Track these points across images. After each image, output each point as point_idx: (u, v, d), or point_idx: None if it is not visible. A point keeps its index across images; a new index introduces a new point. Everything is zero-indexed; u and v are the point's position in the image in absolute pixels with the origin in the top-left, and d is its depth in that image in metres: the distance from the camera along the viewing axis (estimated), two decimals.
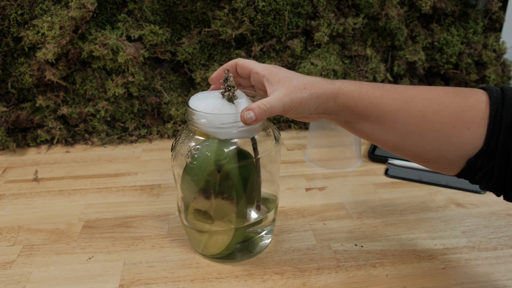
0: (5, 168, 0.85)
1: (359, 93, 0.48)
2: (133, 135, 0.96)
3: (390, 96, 0.48)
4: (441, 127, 0.46)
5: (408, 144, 0.48)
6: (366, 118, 0.49)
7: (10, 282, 0.55)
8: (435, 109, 0.46)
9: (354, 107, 0.49)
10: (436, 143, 0.47)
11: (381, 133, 0.49)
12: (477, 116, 0.45)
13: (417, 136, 0.48)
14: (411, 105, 0.47)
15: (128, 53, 0.88)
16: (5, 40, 0.86)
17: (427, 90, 0.48)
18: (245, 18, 0.92)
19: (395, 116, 0.48)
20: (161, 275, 0.56)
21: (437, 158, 0.48)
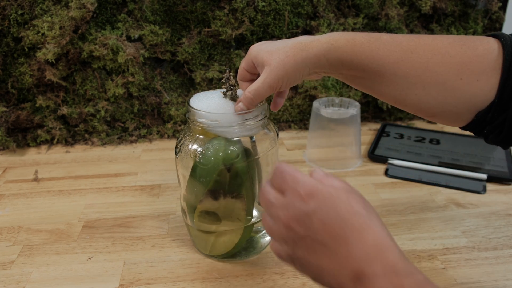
0: (5, 168, 0.85)
1: (353, 47, 0.44)
2: (133, 135, 0.96)
3: (388, 48, 0.44)
4: (446, 79, 0.43)
5: (410, 98, 0.45)
6: (363, 73, 0.46)
7: (10, 282, 0.55)
8: (439, 60, 0.43)
9: (348, 62, 0.45)
10: (440, 97, 0.43)
11: (381, 87, 0.46)
12: (488, 66, 0.42)
13: (419, 90, 0.44)
14: (411, 56, 0.43)
15: (128, 53, 0.88)
16: (5, 40, 0.86)
17: (430, 40, 0.44)
18: (245, 18, 0.92)
19: (394, 69, 0.44)
20: (161, 275, 0.56)
21: (443, 112, 0.45)
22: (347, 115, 0.82)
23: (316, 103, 0.85)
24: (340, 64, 0.46)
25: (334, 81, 0.99)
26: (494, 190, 0.76)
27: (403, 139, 0.94)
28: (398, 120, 1.06)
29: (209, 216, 0.56)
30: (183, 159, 0.55)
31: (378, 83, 0.46)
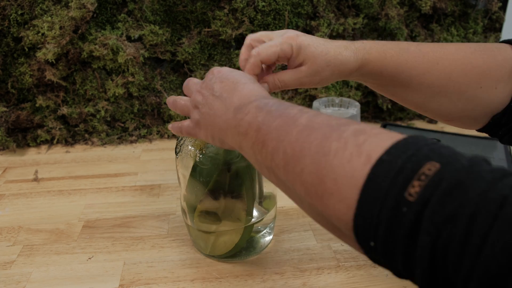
0: (5, 168, 0.85)
1: (384, 60, 0.47)
2: (133, 135, 0.96)
3: (416, 60, 0.46)
4: (467, 89, 0.45)
5: (432, 105, 0.48)
6: (391, 83, 0.48)
7: (10, 282, 0.55)
8: (462, 70, 0.45)
9: (378, 73, 0.48)
10: (461, 103, 0.46)
11: (405, 95, 0.48)
12: (506, 74, 0.44)
13: (442, 98, 0.47)
14: (437, 68, 0.46)
15: (128, 53, 0.88)
16: (5, 40, 0.86)
17: (453, 50, 0.46)
18: (245, 18, 0.92)
19: (420, 80, 0.47)
20: (161, 275, 0.56)
21: (461, 117, 0.48)
22: (347, 115, 0.82)
23: (316, 103, 0.85)
24: (370, 76, 0.49)
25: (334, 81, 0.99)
26: None
27: None
28: (398, 120, 1.06)
29: (209, 216, 0.56)
30: (183, 159, 0.55)
31: (403, 92, 0.48)
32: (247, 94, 0.41)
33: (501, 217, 0.22)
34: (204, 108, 0.44)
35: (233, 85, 0.42)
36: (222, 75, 0.44)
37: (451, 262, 0.23)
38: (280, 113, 0.36)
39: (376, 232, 0.26)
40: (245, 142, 0.38)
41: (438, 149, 0.27)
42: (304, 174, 0.31)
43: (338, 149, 0.29)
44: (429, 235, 0.24)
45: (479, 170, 0.24)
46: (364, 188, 0.27)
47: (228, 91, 0.42)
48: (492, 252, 0.21)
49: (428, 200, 0.24)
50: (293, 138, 0.33)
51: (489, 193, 0.23)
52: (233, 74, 0.44)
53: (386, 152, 0.27)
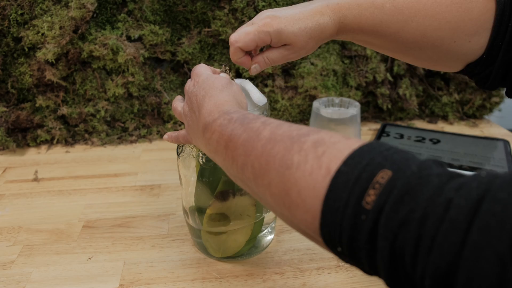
0: (5, 168, 0.85)
1: (359, 24, 0.49)
2: (133, 135, 0.96)
3: (390, 20, 0.48)
4: (441, 43, 0.47)
5: (408, 55, 0.51)
6: (367, 39, 0.51)
7: (10, 282, 0.55)
8: (436, 26, 0.46)
9: (355, 34, 0.51)
10: (435, 56, 0.49)
11: (382, 47, 0.52)
12: (480, 28, 0.45)
13: (416, 51, 0.49)
14: (411, 25, 0.47)
15: (128, 53, 0.88)
16: (5, 40, 0.86)
17: (429, 4, 0.47)
18: (245, 18, 0.92)
19: (395, 37, 0.49)
20: (161, 275, 0.56)
21: (436, 64, 0.51)
22: (347, 115, 0.82)
23: (316, 103, 0.85)
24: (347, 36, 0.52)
25: (334, 81, 0.99)
26: None
27: (403, 139, 0.94)
28: (398, 120, 1.06)
29: (218, 219, 0.56)
30: (185, 159, 0.55)
31: (380, 43, 0.51)
32: (211, 110, 0.42)
33: (447, 220, 0.24)
34: (187, 120, 0.47)
35: (202, 99, 0.44)
36: (196, 86, 0.47)
37: (408, 263, 0.25)
38: (244, 128, 0.37)
39: (341, 239, 0.29)
40: (217, 158, 0.41)
41: (391, 155, 0.28)
42: (271, 187, 0.33)
43: (300, 162, 0.31)
44: (386, 240, 0.26)
45: (428, 174, 0.26)
46: (326, 200, 0.29)
47: (198, 106, 0.44)
48: (440, 252, 0.23)
49: (382, 207, 0.26)
50: (258, 153, 0.35)
51: (436, 197, 0.25)
52: (204, 85, 0.46)
53: (343, 163, 0.29)
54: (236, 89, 0.47)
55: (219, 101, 0.43)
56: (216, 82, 0.46)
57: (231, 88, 0.46)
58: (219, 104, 0.43)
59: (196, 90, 0.46)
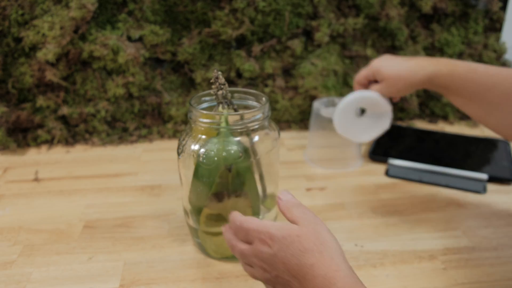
0: (5, 168, 0.85)
1: (452, 77, 0.59)
2: (133, 135, 0.96)
3: (481, 81, 0.57)
4: None
5: (491, 119, 0.58)
6: (456, 94, 0.60)
7: (10, 282, 0.55)
8: None
9: (445, 87, 0.60)
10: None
11: (467, 107, 0.60)
12: None
13: (499, 113, 0.56)
14: (499, 88, 0.55)
15: (129, 53, 0.88)
16: (5, 40, 0.86)
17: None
18: (245, 18, 0.92)
19: (482, 97, 0.57)
20: (162, 275, 0.56)
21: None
22: None
23: (316, 103, 0.85)
24: (437, 87, 0.62)
25: (334, 82, 0.99)
26: (495, 190, 0.76)
27: (404, 139, 0.94)
28: (398, 120, 1.06)
29: (215, 219, 0.56)
30: (186, 159, 0.55)
31: (466, 103, 0.60)
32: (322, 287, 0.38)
33: None
34: (278, 286, 0.42)
35: (300, 270, 0.39)
36: (279, 252, 0.40)
37: None
38: None
39: None
40: None
41: None
42: None
43: None
44: None
45: None
46: None
47: (298, 278, 0.39)
48: None
49: None
50: None
51: None
52: (292, 250, 0.39)
53: None
54: (328, 237, 0.41)
55: (326, 273, 0.38)
56: (304, 242, 0.39)
57: (325, 244, 0.40)
58: (328, 278, 0.37)
59: (280, 256, 0.40)
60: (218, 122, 0.53)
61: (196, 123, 0.54)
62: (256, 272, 0.43)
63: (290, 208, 0.44)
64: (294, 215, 0.43)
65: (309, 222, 0.42)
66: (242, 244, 0.44)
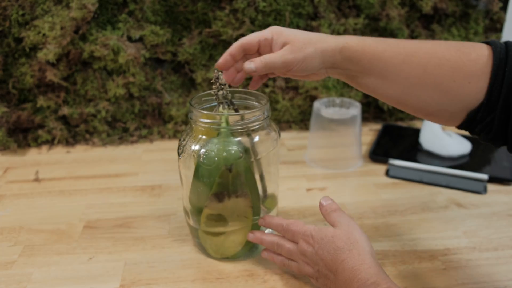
0: (6, 168, 0.85)
1: (363, 47, 0.50)
2: (134, 135, 0.96)
3: (393, 51, 0.49)
4: (441, 81, 0.48)
5: (410, 98, 0.50)
6: (369, 72, 0.51)
7: (11, 283, 0.55)
8: (436, 63, 0.48)
9: (358, 60, 0.50)
10: (437, 97, 0.48)
11: (384, 87, 0.51)
12: (478, 70, 0.46)
13: (418, 90, 0.49)
14: (412, 59, 0.48)
15: (129, 53, 0.89)
16: (6, 40, 0.86)
17: (429, 45, 0.49)
18: (245, 18, 0.92)
19: (397, 70, 0.49)
20: (162, 275, 0.56)
21: (439, 111, 0.50)
22: (348, 115, 0.82)
23: (317, 103, 0.85)
24: (350, 62, 0.51)
25: (335, 82, 0.99)
26: (495, 191, 0.76)
27: (404, 140, 0.94)
28: (398, 121, 1.06)
29: (216, 219, 0.56)
30: (186, 160, 0.55)
31: (381, 83, 0.51)
32: (349, 278, 0.45)
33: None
34: (319, 282, 0.50)
35: (334, 264, 0.47)
36: (319, 250, 0.49)
37: None
38: None
39: None
40: None
41: None
42: None
43: None
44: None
45: None
46: None
47: (332, 271, 0.47)
48: None
49: None
50: None
51: None
52: (328, 248, 0.48)
53: None
54: (359, 237, 0.48)
55: (354, 266, 0.46)
56: (337, 241, 0.48)
57: (355, 243, 0.48)
58: (354, 270, 0.45)
59: (319, 253, 0.49)
60: (219, 122, 0.53)
61: (197, 124, 0.54)
62: (301, 267, 0.52)
63: (330, 213, 0.52)
64: (332, 219, 0.52)
65: (343, 224, 0.50)
66: (290, 243, 0.53)
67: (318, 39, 0.51)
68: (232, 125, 0.53)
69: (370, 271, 0.45)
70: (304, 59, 0.50)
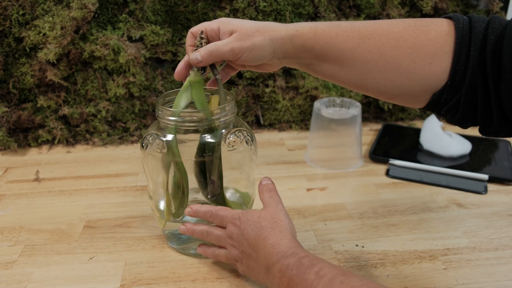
0: (6, 168, 0.85)
1: (315, 34, 0.47)
2: (134, 135, 0.96)
3: (346, 35, 0.47)
4: (400, 63, 0.45)
5: (369, 82, 0.47)
6: (324, 59, 0.48)
7: (11, 282, 0.55)
8: (393, 44, 0.45)
9: (311, 48, 0.48)
10: (397, 80, 0.46)
11: (342, 73, 0.48)
12: (439, 50, 0.44)
13: (377, 74, 0.46)
14: (368, 42, 0.46)
15: (129, 53, 0.89)
16: (6, 40, 0.86)
17: (386, 25, 0.46)
18: (246, 18, 0.92)
19: (352, 55, 0.46)
20: (162, 275, 0.56)
21: (401, 94, 0.47)
22: (348, 115, 0.82)
23: (317, 103, 0.85)
24: (303, 50, 0.49)
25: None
26: (496, 191, 0.76)
27: (404, 140, 0.94)
28: (399, 121, 1.06)
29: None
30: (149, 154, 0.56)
31: (338, 69, 0.48)
32: (270, 253, 0.46)
33: None
34: (243, 264, 0.51)
35: (256, 242, 0.48)
36: (244, 230, 0.50)
37: None
38: (300, 279, 0.42)
39: None
40: None
41: None
42: None
43: None
44: None
45: None
46: None
47: (254, 249, 0.48)
48: None
49: None
50: None
51: None
52: (252, 227, 0.49)
53: None
54: (283, 218, 0.50)
55: (274, 241, 0.47)
56: (261, 221, 0.49)
57: (278, 222, 0.49)
58: (274, 245, 0.46)
59: (244, 233, 0.49)
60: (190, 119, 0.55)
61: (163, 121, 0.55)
62: (228, 253, 0.52)
63: (263, 192, 0.54)
64: (264, 198, 0.54)
65: (271, 205, 0.52)
66: (218, 229, 0.53)
67: (267, 27, 0.49)
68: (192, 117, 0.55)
69: (289, 245, 0.46)
70: (252, 47, 0.48)
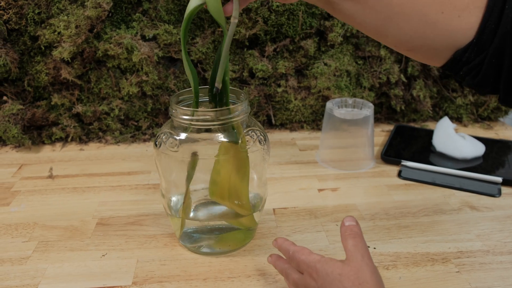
0: (20, 165, 0.86)
1: None
2: (146, 133, 0.97)
3: None
4: (428, 12, 0.42)
5: (391, 29, 0.44)
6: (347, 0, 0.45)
7: (25, 278, 0.56)
8: None
9: None
10: (421, 29, 0.43)
11: (363, 15, 0.45)
12: (471, 3, 0.41)
13: (401, 20, 0.43)
14: None
15: (143, 52, 0.89)
16: (22, 39, 0.87)
17: None
18: (259, 18, 0.92)
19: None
20: (174, 273, 0.57)
21: (421, 46, 0.44)
22: (360, 116, 0.81)
23: (329, 103, 0.84)
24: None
25: (347, 82, 0.98)
26: (510, 194, 0.75)
27: (417, 141, 0.94)
28: (411, 122, 1.05)
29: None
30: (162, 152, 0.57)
31: (360, 10, 0.45)
32: None
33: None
34: None
35: None
36: (320, 283, 0.44)
37: None
38: None
39: None
40: None
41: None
42: None
43: None
44: None
45: None
46: None
47: None
48: None
49: None
50: None
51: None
52: (333, 287, 0.43)
53: None
54: (369, 278, 0.42)
55: None
56: (344, 280, 0.42)
57: (364, 284, 0.42)
58: None
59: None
60: None
61: (177, 119, 0.55)
62: (300, 280, 0.47)
63: (347, 239, 0.46)
64: (347, 247, 0.45)
65: (355, 259, 0.43)
66: (296, 273, 0.48)
67: None
68: None
69: None
70: None
